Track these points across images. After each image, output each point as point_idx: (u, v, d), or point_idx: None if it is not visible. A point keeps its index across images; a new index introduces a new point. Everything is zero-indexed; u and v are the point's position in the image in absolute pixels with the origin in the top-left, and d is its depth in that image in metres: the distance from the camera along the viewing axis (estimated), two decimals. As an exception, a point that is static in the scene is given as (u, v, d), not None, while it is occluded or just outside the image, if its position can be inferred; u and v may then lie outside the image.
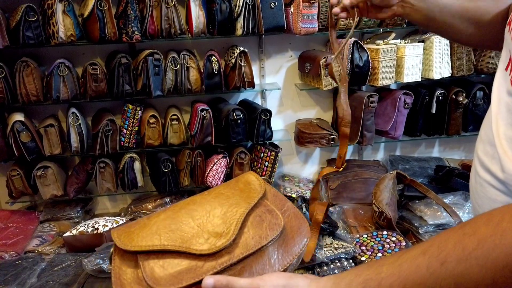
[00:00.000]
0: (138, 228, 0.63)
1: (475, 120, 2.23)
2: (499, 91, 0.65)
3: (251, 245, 0.61)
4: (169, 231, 0.61)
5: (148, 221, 0.65)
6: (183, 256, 0.58)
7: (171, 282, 0.55)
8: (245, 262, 0.60)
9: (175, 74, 2.02)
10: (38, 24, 1.87)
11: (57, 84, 1.94)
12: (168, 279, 0.55)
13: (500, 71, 0.66)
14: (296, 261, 0.63)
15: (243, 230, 0.62)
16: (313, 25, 2.02)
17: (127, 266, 0.59)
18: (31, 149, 2.03)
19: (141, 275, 0.57)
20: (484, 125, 0.71)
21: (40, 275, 1.75)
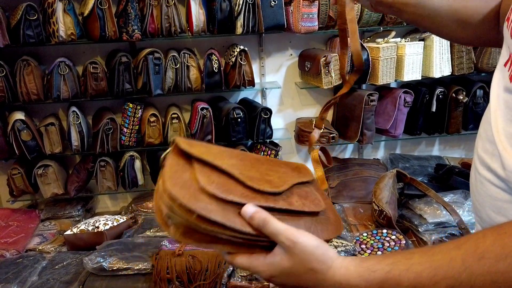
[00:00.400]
0: (204, 148, 0.60)
1: (475, 119, 2.23)
2: (498, 87, 0.65)
3: (295, 205, 0.61)
4: (230, 161, 0.60)
5: (211, 148, 0.63)
6: (238, 183, 0.57)
7: (221, 190, 0.54)
8: (283, 218, 0.59)
9: (175, 72, 2.02)
10: (39, 23, 1.87)
11: (58, 83, 1.95)
12: (219, 186, 0.54)
13: (499, 67, 0.66)
14: None
15: (290, 192, 0.63)
16: (313, 24, 2.02)
17: (182, 170, 0.56)
18: (31, 147, 2.03)
19: (194, 177, 0.54)
20: (483, 123, 0.70)
21: (41, 274, 1.76)
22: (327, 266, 0.54)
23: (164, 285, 1.62)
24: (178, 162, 0.56)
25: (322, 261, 0.54)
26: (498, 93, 0.63)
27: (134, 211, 2.23)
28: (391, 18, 2.09)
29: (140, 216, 2.20)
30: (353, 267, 0.54)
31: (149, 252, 1.77)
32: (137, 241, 1.88)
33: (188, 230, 0.52)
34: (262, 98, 2.39)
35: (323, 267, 0.54)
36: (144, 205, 2.25)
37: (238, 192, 0.56)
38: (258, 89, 2.34)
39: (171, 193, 0.51)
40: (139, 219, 2.16)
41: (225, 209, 0.53)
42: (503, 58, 0.65)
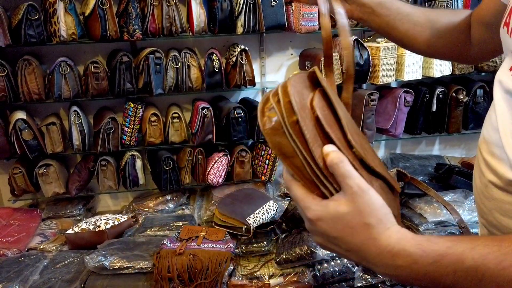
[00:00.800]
0: (330, 90, 0.59)
1: (476, 118, 2.24)
2: (503, 91, 0.64)
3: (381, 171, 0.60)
4: (343, 113, 0.58)
5: None
6: (341, 131, 0.55)
7: (325, 121, 0.52)
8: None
9: (176, 72, 2.03)
10: (40, 22, 1.87)
11: (59, 82, 1.95)
12: (326, 118, 0.53)
13: (504, 72, 0.65)
14: None
15: (372, 176, 0.60)
16: (314, 23, 2.02)
17: (305, 86, 0.56)
18: (33, 147, 2.04)
19: (312, 96, 0.54)
20: (487, 126, 0.70)
21: (43, 272, 1.77)
22: (385, 227, 0.50)
23: (165, 284, 1.63)
24: (306, 81, 0.57)
25: (382, 220, 0.50)
26: (505, 97, 0.63)
27: (135, 210, 2.24)
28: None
29: (141, 215, 2.20)
30: (411, 235, 0.51)
31: (150, 251, 1.77)
32: (138, 240, 1.89)
33: (277, 130, 0.51)
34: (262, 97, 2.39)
35: (381, 226, 0.50)
36: (145, 204, 2.26)
37: (337, 135, 0.54)
38: (259, 88, 2.34)
39: (287, 89, 0.51)
40: (140, 218, 2.17)
41: (317, 136, 0.52)
42: (506, 63, 0.65)
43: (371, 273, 1.72)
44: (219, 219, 1.93)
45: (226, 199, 2.06)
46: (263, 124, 0.52)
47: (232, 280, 1.71)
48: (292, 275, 1.72)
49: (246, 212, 1.92)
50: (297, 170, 0.53)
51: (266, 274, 1.73)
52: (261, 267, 1.76)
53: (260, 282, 1.71)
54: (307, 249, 1.69)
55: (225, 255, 1.70)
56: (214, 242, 1.80)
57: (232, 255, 1.74)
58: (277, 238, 1.90)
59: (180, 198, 2.31)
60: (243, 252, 1.81)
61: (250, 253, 1.82)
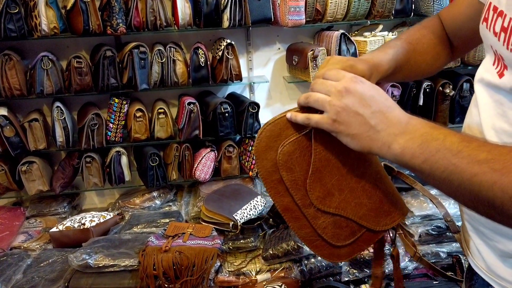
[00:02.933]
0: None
1: (462, 112, 2.24)
2: (486, 86, 0.65)
3: (316, 223, 0.72)
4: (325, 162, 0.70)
5: None
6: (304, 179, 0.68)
7: (288, 161, 0.66)
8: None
9: (161, 67, 2.00)
10: (20, 16, 1.83)
11: (41, 78, 1.91)
12: (289, 157, 0.67)
13: (486, 68, 0.66)
14: None
15: (331, 215, 0.72)
16: (300, 17, 2.00)
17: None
18: (15, 144, 1.99)
19: None
20: (468, 121, 0.71)
21: (26, 272, 1.74)
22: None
23: (150, 282, 1.61)
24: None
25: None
26: (489, 92, 0.64)
27: (121, 207, 2.21)
28: (379, 11, 2.08)
29: (127, 212, 2.18)
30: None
31: (136, 248, 1.75)
32: (124, 237, 1.86)
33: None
34: (250, 92, 2.38)
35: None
36: (131, 201, 2.23)
37: (297, 177, 0.66)
38: (246, 83, 2.32)
39: (258, 136, 0.67)
40: (126, 215, 2.14)
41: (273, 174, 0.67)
42: (489, 59, 0.65)
43: (358, 267, 1.72)
44: (206, 216, 1.91)
45: (213, 195, 2.04)
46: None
47: (219, 277, 1.69)
48: (279, 271, 1.72)
49: (234, 208, 1.90)
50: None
51: (253, 270, 1.72)
52: (248, 263, 1.75)
53: (247, 278, 1.70)
54: (294, 244, 1.69)
55: (212, 252, 1.69)
56: (201, 239, 1.78)
57: (219, 251, 1.73)
58: (265, 233, 1.89)
59: (167, 195, 2.29)
60: (230, 248, 1.80)
61: (237, 249, 1.81)
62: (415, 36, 0.83)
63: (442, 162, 0.52)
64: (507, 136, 0.60)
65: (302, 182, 0.66)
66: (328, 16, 2.06)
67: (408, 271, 1.75)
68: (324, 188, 0.67)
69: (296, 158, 0.65)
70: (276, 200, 0.67)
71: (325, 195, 0.67)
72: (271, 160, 0.65)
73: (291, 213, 0.68)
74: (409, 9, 2.13)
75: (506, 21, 0.57)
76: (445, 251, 1.81)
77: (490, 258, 0.66)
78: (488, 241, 0.66)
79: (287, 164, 0.65)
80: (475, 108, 0.67)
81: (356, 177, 0.69)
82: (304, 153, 0.65)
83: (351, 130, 0.59)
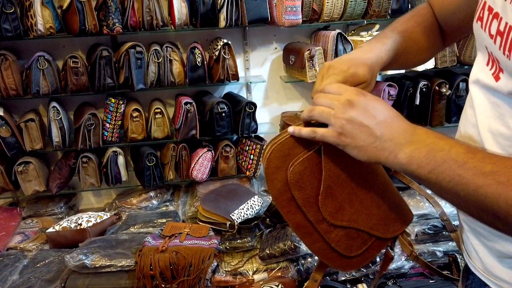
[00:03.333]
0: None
1: (459, 111, 2.25)
2: (480, 87, 0.65)
3: (329, 237, 0.72)
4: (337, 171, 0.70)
5: None
6: (317, 193, 0.69)
7: (297, 178, 0.66)
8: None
9: (157, 67, 1.99)
10: (16, 16, 1.82)
11: (37, 78, 1.91)
12: (298, 172, 0.66)
13: (479, 67, 0.66)
14: None
15: (343, 227, 0.72)
16: (297, 17, 2.00)
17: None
18: (11, 144, 1.99)
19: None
20: (464, 122, 0.70)
21: (22, 272, 1.73)
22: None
23: (147, 282, 1.61)
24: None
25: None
26: (485, 94, 0.63)
27: (118, 207, 2.21)
28: (375, 11, 2.08)
29: (124, 212, 2.17)
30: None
31: (133, 248, 1.75)
32: (121, 237, 1.86)
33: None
34: (247, 92, 2.38)
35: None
36: (128, 201, 2.23)
37: (309, 195, 0.67)
38: (243, 83, 2.32)
39: (265, 155, 0.67)
40: (123, 215, 2.14)
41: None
42: (482, 58, 0.65)
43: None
44: (203, 215, 1.91)
45: (210, 195, 2.04)
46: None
47: (215, 277, 1.69)
48: (276, 270, 1.72)
49: (230, 208, 1.90)
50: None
51: (250, 270, 1.72)
52: (245, 263, 1.75)
53: (244, 278, 1.70)
54: (290, 244, 1.69)
55: (209, 252, 1.69)
56: (198, 239, 1.78)
57: (216, 251, 1.73)
58: (261, 233, 1.90)
59: (164, 195, 2.29)
60: (227, 248, 1.80)
61: (234, 249, 1.81)
62: (408, 24, 0.84)
63: (448, 173, 0.53)
64: (504, 138, 0.60)
65: (314, 199, 0.67)
66: (324, 16, 2.06)
67: (404, 270, 1.75)
68: (335, 203, 0.68)
69: (306, 176, 0.66)
70: (289, 218, 0.68)
71: (337, 210, 0.68)
72: (282, 180, 0.66)
73: (303, 230, 0.69)
74: (406, 8, 2.13)
75: (502, 25, 0.57)
76: (441, 250, 1.81)
77: (487, 258, 0.66)
78: (485, 242, 0.66)
79: (299, 183, 0.65)
80: (471, 109, 0.67)
81: (365, 188, 0.70)
82: (314, 170, 0.66)
83: (358, 142, 0.59)
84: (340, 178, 0.67)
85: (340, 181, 0.67)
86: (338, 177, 0.67)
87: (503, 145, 0.60)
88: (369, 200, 0.70)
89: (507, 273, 0.63)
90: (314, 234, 0.69)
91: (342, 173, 0.67)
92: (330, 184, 0.67)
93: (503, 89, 0.59)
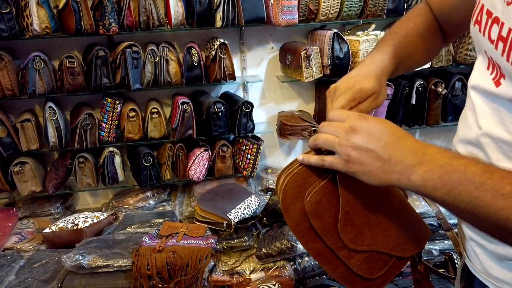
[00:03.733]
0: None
1: (454, 110, 2.26)
2: (480, 92, 0.64)
3: (350, 262, 0.72)
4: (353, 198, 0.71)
5: None
6: (336, 224, 0.68)
7: (315, 212, 0.66)
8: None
9: (154, 66, 1.99)
10: (11, 16, 1.81)
11: (33, 78, 1.90)
12: (317, 209, 0.67)
13: (480, 71, 0.65)
14: None
15: (364, 252, 0.73)
16: (293, 17, 2.01)
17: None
18: (7, 144, 1.98)
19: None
20: (463, 126, 0.69)
21: (19, 273, 1.73)
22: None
23: (144, 282, 1.61)
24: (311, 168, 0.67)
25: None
26: (486, 99, 0.63)
27: (115, 207, 2.21)
28: (371, 11, 2.09)
29: (121, 212, 2.17)
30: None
31: (130, 248, 1.75)
32: (118, 237, 1.86)
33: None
34: (243, 91, 2.38)
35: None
36: (125, 201, 2.23)
37: (325, 223, 0.66)
38: (240, 82, 2.32)
39: (281, 189, 0.67)
40: (120, 215, 2.14)
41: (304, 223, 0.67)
42: (482, 62, 0.64)
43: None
44: (199, 215, 1.91)
45: (206, 195, 2.04)
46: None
47: (213, 276, 1.70)
48: (273, 270, 1.72)
49: (227, 207, 1.90)
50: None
51: (247, 269, 1.73)
52: (242, 262, 1.75)
53: (241, 277, 1.70)
54: (287, 243, 1.69)
55: (206, 251, 1.69)
56: (195, 238, 1.78)
57: (213, 251, 1.73)
58: (258, 233, 1.90)
59: (161, 195, 2.28)
60: (224, 247, 1.80)
61: (231, 248, 1.81)
62: (408, 28, 0.84)
63: (465, 195, 0.52)
64: (505, 144, 0.59)
65: (333, 226, 0.66)
66: (321, 16, 2.06)
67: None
68: (354, 229, 0.67)
69: (324, 205, 0.66)
70: (308, 247, 0.68)
71: (356, 235, 0.68)
72: (299, 210, 0.65)
73: (324, 257, 0.68)
74: (402, 8, 2.14)
75: (504, 30, 0.55)
76: (437, 248, 1.82)
77: (486, 260, 0.66)
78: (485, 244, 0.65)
79: (317, 213, 0.65)
80: (471, 113, 0.66)
81: (382, 211, 0.70)
82: (330, 198, 0.66)
83: (366, 168, 0.58)
84: (357, 203, 0.67)
85: (358, 206, 0.67)
86: (355, 203, 0.67)
87: (504, 150, 0.59)
88: (387, 222, 0.70)
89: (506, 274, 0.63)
90: (335, 260, 0.69)
91: (359, 198, 0.67)
92: (348, 210, 0.66)
93: (504, 95, 0.58)
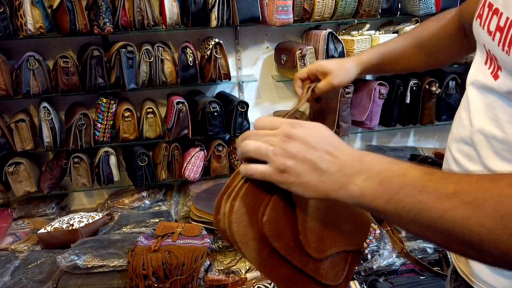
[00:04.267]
0: None
1: (448, 110, 2.28)
2: (476, 86, 0.64)
3: (319, 273, 0.67)
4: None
5: None
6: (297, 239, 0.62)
7: (274, 230, 0.58)
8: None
9: (149, 66, 1.99)
10: (5, 16, 1.81)
11: (27, 78, 1.89)
12: (274, 222, 0.59)
13: (477, 66, 0.65)
14: None
15: (328, 257, 0.68)
16: (288, 16, 2.01)
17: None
18: (1, 145, 1.97)
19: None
20: (457, 124, 0.69)
21: (14, 273, 1.72)
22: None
23: (140, 282, 1.61)
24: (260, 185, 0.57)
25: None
26: (482, 94, 0.62)
27: (110, 207, 2.20)
28: (365, 10, 2.10)
29: (116, 212, 2.17)
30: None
31: (125, 248, 1.75)
32: (113, 237, 1.86)
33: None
34: (239, 91, 2.38)
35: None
36: (120, 201, 2.22)
37: (289, 240, 0.58)
38: (235, 82, 2.33)
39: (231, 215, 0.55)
40: (116, 215, 2.13)
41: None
42: (480, 58, 0.65)
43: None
44: (195, 215, 1.91)
45: (202, 194, 2.04)
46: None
47: (208, 276, 1.70)
48: (269, 269, 1.72)
49: (223, 207, 1.91)
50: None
51: (243, 268, 1.73)
52: (238, 262, 1.76)
53: (237, 277, 1.71)
54: (283, 242, 1.69)
55: (201, 251, 1.69)
56: (190, 238, 1.78)
57: (209, 250, 1.73)
58: (254, 232, 1.90)
59: (157, 194, 2.28)
60: (219, 247, 1.81)
61: (227, 247, 1.81)
62: (422, 29, 0.88)
63: (407, 201, 0.46)
64: (497, 141, 0.58)
65: (294, 242, 0.59)
66: (315, 15, 2.07)
67: (395, 267, 1.77)
68: (315, 235, 0.62)
69: (281, 220, 0.58)
70: (272, 275, 0.58)
71: (318, 243, 0.62)
72: (256, 236, 0.55)
73: (291, 281, 0.61)
74: (396, 8, 2.15)
75: (502, 20, 0.55)
76: (431, 246, 1.83)
77: (475, 263, 0.66)
78: None
79: (276, 232, 0.57)
80: (465, 111, 0.66)
81: (331, 208, 0.65)
82: (285, 210, 0.58)
83: (303, 178, 0.51)
84: (311, 208, 0.62)
85: (312, 211, 0.62)
86: (309, 208, 0.61)
87: (496, 148, 0.59)
88: (338, 218, 0.66)
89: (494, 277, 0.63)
90: (303, 279, 0.62)
91: (311, 202, 0.62)
92: (304, 218, 0.60)
93: (501, 88, 0.57)
